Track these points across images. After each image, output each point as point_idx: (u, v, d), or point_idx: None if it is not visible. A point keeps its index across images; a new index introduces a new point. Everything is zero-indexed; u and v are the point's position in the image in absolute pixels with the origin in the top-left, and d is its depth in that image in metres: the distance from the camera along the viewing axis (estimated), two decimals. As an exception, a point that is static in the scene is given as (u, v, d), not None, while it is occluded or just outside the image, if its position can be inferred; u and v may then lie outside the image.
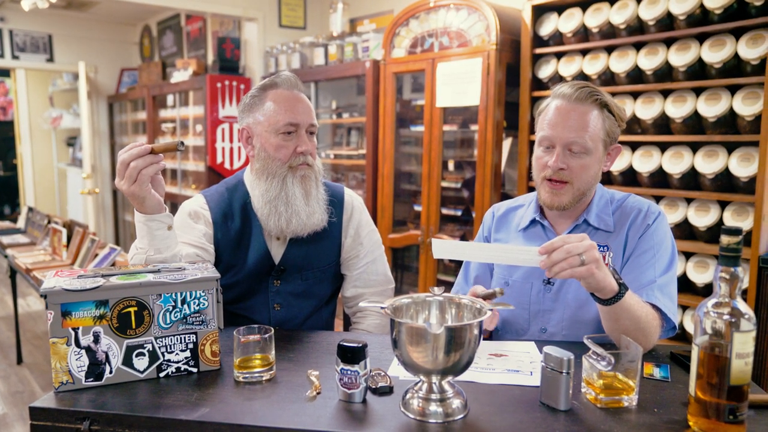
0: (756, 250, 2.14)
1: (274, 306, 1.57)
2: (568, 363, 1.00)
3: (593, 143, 1.35)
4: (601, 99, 1.36)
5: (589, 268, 1.09)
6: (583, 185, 1.37)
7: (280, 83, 1.50)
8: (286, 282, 1.58)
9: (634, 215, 1.40)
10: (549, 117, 1.37)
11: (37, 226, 3.98)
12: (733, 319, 0.91)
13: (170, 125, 5.34)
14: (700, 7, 2.30)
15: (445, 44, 3.12)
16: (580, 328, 1.40)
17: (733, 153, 2.25)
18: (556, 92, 1.40)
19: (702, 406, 0.94)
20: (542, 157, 1.39)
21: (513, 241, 1.52)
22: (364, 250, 1.65)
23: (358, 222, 1.65)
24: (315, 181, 1.54)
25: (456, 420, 0.99)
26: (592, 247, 1.10)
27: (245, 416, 1.00)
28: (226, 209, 1.56)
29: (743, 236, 0.93)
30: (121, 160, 1.26)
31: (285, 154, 1.48)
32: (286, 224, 1.49)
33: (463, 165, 3.34)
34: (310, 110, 1.52)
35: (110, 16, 6.09)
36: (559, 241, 1.11)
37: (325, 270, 1.62)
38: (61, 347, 1.09)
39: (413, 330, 0.98)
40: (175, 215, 1.51)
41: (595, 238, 1.40)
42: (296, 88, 1.52)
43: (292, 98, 1.49)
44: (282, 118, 1.47)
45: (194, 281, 1.17)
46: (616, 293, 1.15)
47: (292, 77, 1.52)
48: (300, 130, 1.49)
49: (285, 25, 4.65)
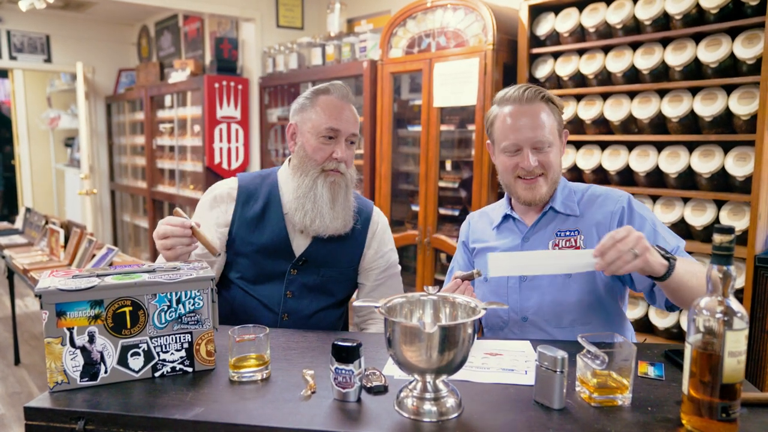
0: (752, 249, 2.15)
1: (287, 293, 1.62)
2: (562, 362, 1.00)
3: (553, 136, 1.44)
4: (545, 95, 1.45)
5: (644, 258, 1.14)
6: (554, 175, 1.46)
7: (333, 90, 1.59)
8: (303, 273, 1.63)
9: (602, 198, 1.48)
10: (507, 123, 1.45)
11: (34, 227, 3.97)
12: (726, 317, 0.91)
13: (168, 126, 5.34)
14: (696, 7, 2.30)
15: (442, 44, 3.12)
16: (561, 312, 1.44)
17: (729, 152, 2.26)
18: (502, 98, 1.48)
19: (695, 404, 0.94)
20: (510, 160, 1.46)
21: (489, 239, 1.58)
22: (385, 263, 1.72)
23: (381, 239, 1.73)
24: (345, 189, 1.61)
25: (450, 419, 0.99)
26: (640, 238, 1.14)
27: (240, 415, 1.00)
28: (253, 191, 1.65)
29: (736, 235, 0.93)
30: (163, 231, 1.37)
31: (321, 156, 1.56)
32: (310, 222, 1.57)
33: (461, 165, 3.34)
34: (354, 120, 1.60)
35: (108, 16, 6.09)
36: (610, 241, 1.14)
37: (343, 271, 1.68)
38: (56, 347, 1.09)
39: (407, 329, 0.98)
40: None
41: (565, 224, 1.48)
42: (346, 98, 1.60)
43: (339, 106, 1.57)
44: (325, 122, 1.55)
45: (189, 281, 1.17)
46: (667, 267, 1.18)
47: (345, 88, 1.61)
48: (340, 137, 1.57)
49: (282, 25, 4.65)
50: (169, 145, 5.34)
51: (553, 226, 1.48)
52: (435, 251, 3.27)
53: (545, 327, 1.45)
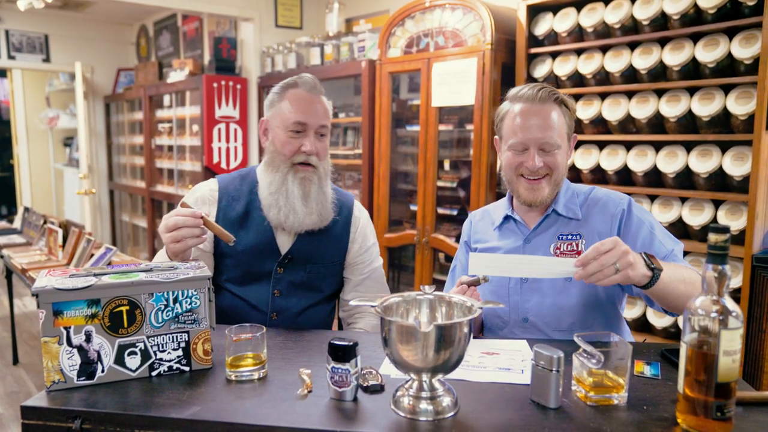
0: (749, 248, 2.15)
1: (275, 292, 1.62)
2: (558, 361, 1.00)
3: (561, 139, 1.43)
4: (559, 96, 1.44)
5: (624, 273, 1.13)
6: (559, 177, 1.45)
7: (300, 84, 1.58)
8: (289, 271, 1.62)
9: (603, 202, 1.47)
10: (517, 122, 1.43)
11: (33, 227, 3.97)
12: (721, 316, 0.91)
13: (167, 125, 5.34)
14: (694, 7, 2.30)
15: (441, 44, 3.13)
16: (561, 315, 1.44)
17: (726, 152, 2.26)
18: (515, 96, 1.46)
19: (690, 403, 0.94)
20: (515, 157, 1.46)
21: (491, 239, 1.57)
22: (369, 258, 1.72)
23: (364, 233, 1.72)
24: (318, 182, 1.59)
25: (446, 418, 0.99)
26: (625, 253, 1.14)
27: (236, 414, 1.00)
28: (234, 192, 1.64)
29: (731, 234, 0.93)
30: (173, 222, 1.34)
31: (290, 150, 1.55)
32: (285, 218, 1.56)
33: (459, 164, 3.35)
34: (322, 112, 1.58)
35: (107, 16, 6.08)
36: (593, 252, 1.14)
37: (329, 266, 1.67)
38: (52, 346, 1.09)
39: (403, 328, 0.98)
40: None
41: (567, 227, 1.47)
42: (314, 89, 1.58)
43: (307, 99, 1.56)
44: (293, 116, 1.54)
45: (186, 280, 1.17)
46: (650, 278, 1.18)
47: (312, 79, 1.59)
48: (308, 130, 1.55)
49: (281, 25, 4.65)
50: (167, 145, 5.34)
51: (555, 229, 1.47)
52: (433, 251, 3.27)
53: (544, 329, 1.45)
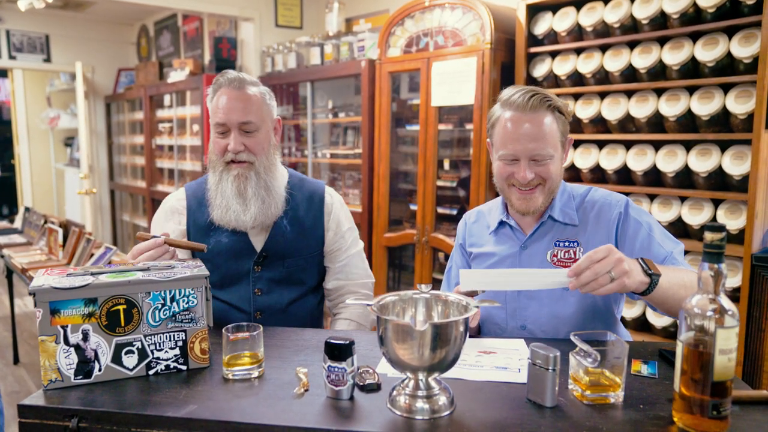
0: (749, 248, 2.15)
1: (255, 291, 1.62)
2: (554, 360, 1.01)
3: (553, 148, 1.37)
4: (551, 103, 1.37)
5: (620, 282, 1.11)
6: (553, 185, 1.40)
7: (223, 82, 1.56)
8: (267, 268, 1.62)
9: (600, 206, 1.43)
10: (507, 132, 1.37)
11: (33, 226, 3.98)
12: (717, 315, 0.91)
13: (167, 125, 5.34)
14: (693, 6, 2.30)
15: (440, 43, 3.12)
16: (558, 324, 1.42)
17: (726, 151, 2.26)
18: (506, 101, 1.39)
19: (686, 402, 0.94)
20: (505, 168, 1.41)
21: (486, 243, 1.55)
22: (346, 243, 1.71)
23: (337, 219, 1.70)
24: (255, 178, 1.56)
25: (442, 416, 0.99)
26: (619, 261, 1.11)
27: (233, 413, 1.01)
28: (201, 198, 1.64)
29: (728, 233, 0.93)
30: (136, 251, 1.39)
31: (219, 150, 1.56)
32: (224, 216, 1.56)
33: (459, 164, 3.34)
34: (243, 109, 1.53)
35: (107, 16, 6.09)
36: (586, 261, 1.11)
37: (307, 258, 1.66)
38: (50, 345, 1.09)
39: (399, 327, 0.98)
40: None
41: (564, 233, 1.43)
42: (237, 86, 1.54)
43: (228, 98, 1.53)
44: (214, 117, 1.55)
45: (183, 279, 1.17)
46: (647, 285, 1.16)
47: (236, 76, 1.56)
48: (231, 129, 1.53)
49: (281, 24, 4.66)
50: (168, 145, 5.34)
51: (552, 236, 1.44)
52: (433, 250, 3.27)
53: (542, 338, 1.44)
